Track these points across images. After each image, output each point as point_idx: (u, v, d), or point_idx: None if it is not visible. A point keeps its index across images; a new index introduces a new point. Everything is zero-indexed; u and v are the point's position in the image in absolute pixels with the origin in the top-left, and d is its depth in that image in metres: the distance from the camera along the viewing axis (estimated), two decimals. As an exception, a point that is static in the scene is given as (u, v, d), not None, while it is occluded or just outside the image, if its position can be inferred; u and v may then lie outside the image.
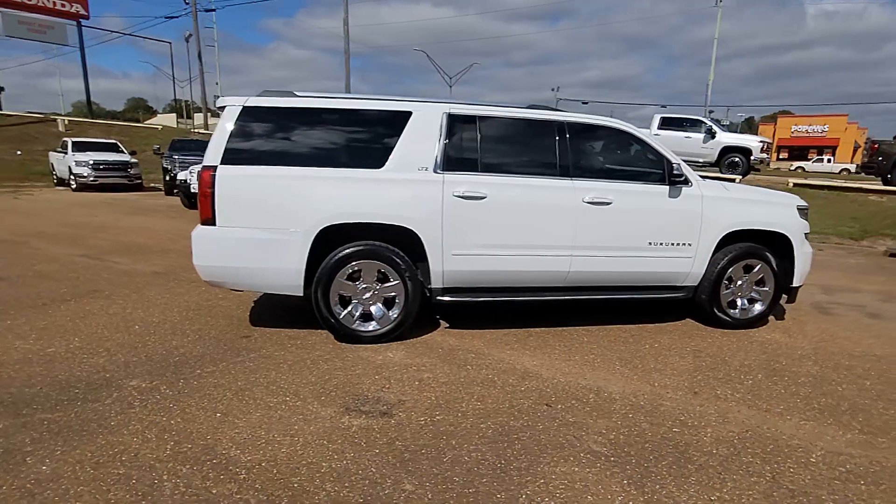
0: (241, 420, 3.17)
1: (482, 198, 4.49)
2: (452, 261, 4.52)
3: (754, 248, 5.08)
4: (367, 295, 4.49)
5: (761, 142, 17.02)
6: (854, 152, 59.75)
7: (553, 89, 49.29)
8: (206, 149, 4.32)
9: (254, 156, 4.30)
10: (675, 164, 4.79)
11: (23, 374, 3.72)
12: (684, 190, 4.91)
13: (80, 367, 3.85)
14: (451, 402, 3.50)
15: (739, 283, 5.15)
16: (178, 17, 32.58)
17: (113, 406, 3.29)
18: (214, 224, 4.23)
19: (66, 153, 18.76)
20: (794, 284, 5.25)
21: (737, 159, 16.58)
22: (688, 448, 3.02)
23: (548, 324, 5.13)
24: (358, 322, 4.50)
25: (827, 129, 61.03)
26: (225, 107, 4.34)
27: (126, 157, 19.03)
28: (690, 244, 4.92)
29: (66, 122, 26.66)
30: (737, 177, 15.97)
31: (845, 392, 3.84)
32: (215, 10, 40.00)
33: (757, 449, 3.03)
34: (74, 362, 3.93)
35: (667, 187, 4.87)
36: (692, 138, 17.00)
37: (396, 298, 4.51)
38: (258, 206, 4.27)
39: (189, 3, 27.76)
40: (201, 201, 4.22)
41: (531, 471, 2.75)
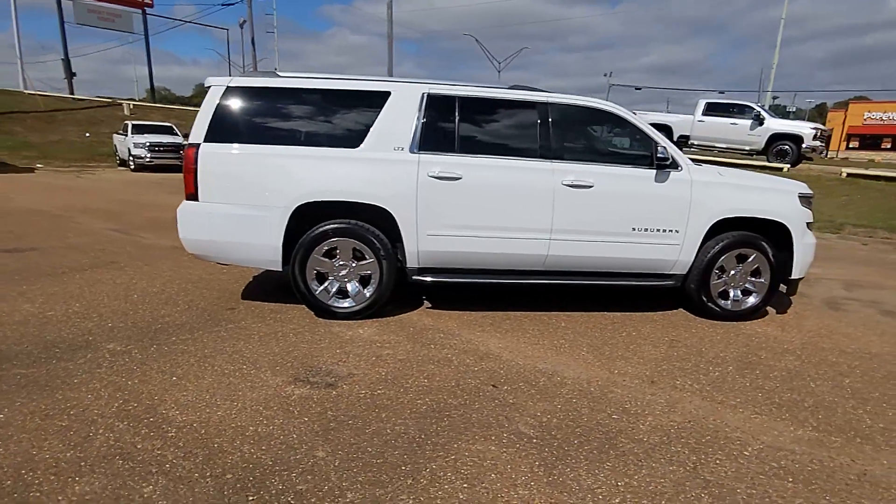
0: (192, 384, 3.32)
1: (457, 178, 4.47)
2: (427, 241, 4.54)
3: (749, 236, 4.84)
4: (344, 272, 4.57)
5: (815, 129, 16.00)
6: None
7: (605, 75, 47.81)
8: None
9: (236, 134, 4.43)
10: (662, 148, 4.62)
11: (17, 333, 4.01)
12: (672, 174, 4.72)
13: (69, 330, 4.11)
14: (400, 378, 3.54)
15: (732, 272, 4.93)
16: (234, 3, 33.51)
17: (83, 366, 3.51)
18: (197, 199, 4.40)
19: (127, 135, 19.80)
20: (794, 276, 4.98)
21: (786, 147, 15.69)
22: (618, 435, 2.95)
23: (531, 308, 5.08)
24: (334, 298, 4.59)
25: (906, 117, 56.58)
26: (211, 86, 4.48)
27: (179, 140, 19.88)
28: (678, 231, 4.74)
29: (131, 106, 28.11)
30: (784, 166, 15.15)
31: (816, 388, 3.64)
32: None
33: (691, 439, 2.93)
34: (66, 325, 4.21)
35: (653, 171, 4.70)
36: (738, 125, 16.19)
37: (372, 276, 4.58)
38: (238, 183, 4.41)
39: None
40: (186, 177, 4.40)
41: (447, 447, 2.76)
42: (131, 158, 19.27)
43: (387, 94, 4.55)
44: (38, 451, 2.57)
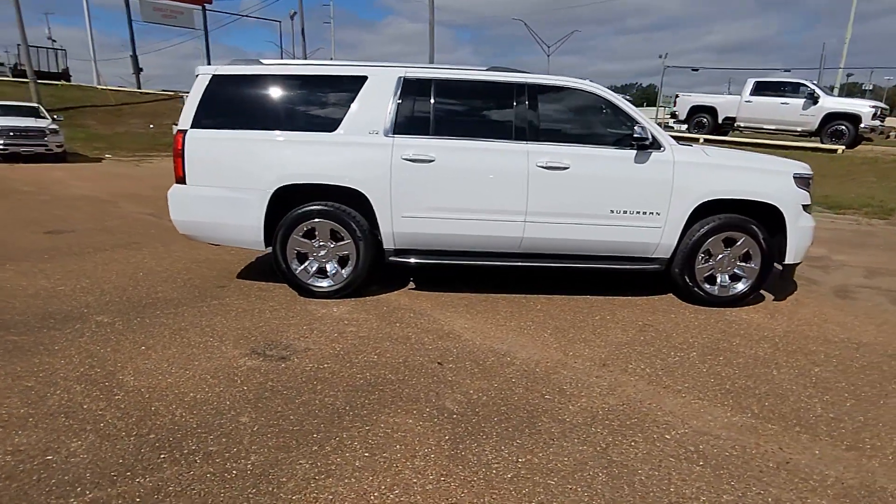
0: (157, 354, 3.55)
1: (430, 161, 4.50)
2: (402, 223, 4.61)
3: (737, 219, 4.64)
4: (323, 253, 4.71)
5: (874, 107, 14.84)
6: None
7: (660, 56, 45.90)
8: None
9: (221, 120, 4.63)
10: (640, 127, 4.47)
11: (24, 304, 4.38)
12: (654, 155, 4.58)
13: (70, 303, 4.45)
14: (351, 353, 3.65)
15: (720, 257, 4.74)
16: None
17: (69, 335, 3.81)
18: (185, 182, 4.63)
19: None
20: (788, 262, 4.73)
21: (842, 127, 14.66)
22: (542, 415, 2.95)
23: (513, 291, 5.08)
24: (313, 278, 4.75)
25: None
26: (199, 75, 4.68)
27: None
28: (658, 213, 4.60)
29: (193, 98, 29.46)
30: (839, 147, 14.19)
31: (777, 376, 3.48)
32: None
33: (616, 422, 2.89)
34: (70, 299, 4.55)
35: (633, 152, 4.56)
36: (790, 105, 15.25)
37: (350, 257, 4.69)
38: (222, 167, 4.61)
39: (295, -17, 29.38)
40: (175, 161, 4.64)
41: (366, 418, 2.85)
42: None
43: (364, 78, 4.62)
44: (-2, 408, 2.83)
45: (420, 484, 2.33)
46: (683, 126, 17.99)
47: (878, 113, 14.74)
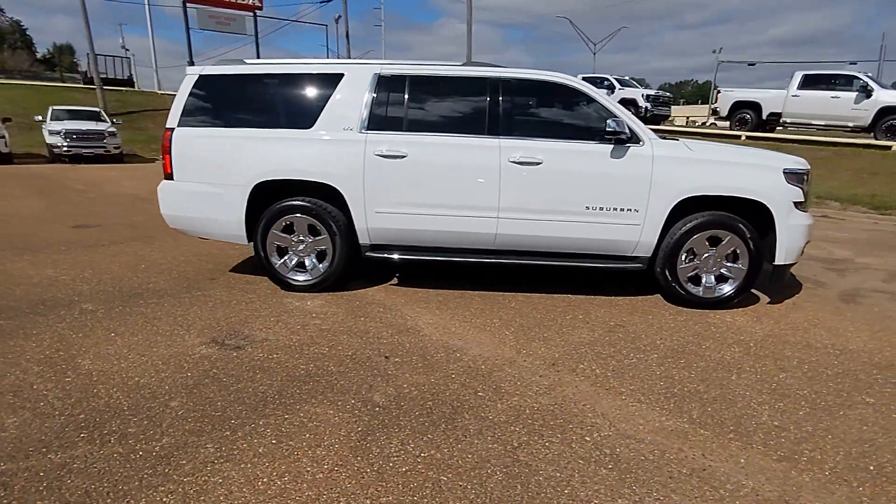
0: (123, 340, 3.71)
1: (402, 157, 4.51)
2: (376, 218, 4.63)
3: (722, 217, 4.42)
4: (301, 247, 4.80)
5: (935, 101, 13.73)
6: None
7: (714, 51, 44.05)
8: None
9: (205, 118, 4.79)
10: (617, 121, 4.32)
11: (25, 292, 4.67)
12: (632, 149, 4.41)
13: (65, 292, 4.71)
14: (305, 345, 3.70)
15: (705, 256, 4.53)
16: (328, 1, 35.39)
17: (51, 320, 4.04)
18: (173, 179, 4.82)
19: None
20: (778, 262, 4.46)
21: (898, 123, 13.65)
22: (466, 411, 2.90)
23: (493, 288, 5.03)
24: (292, 271, 4.84)
25: None
26: (187, 75, 4.86)
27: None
28: (637, 210, 4.43)
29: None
30: (894, 143, 13.24)
31: (733, 381, 3.29)
32: None
33: (539, 422, 2.81)
34: (68, 288, 4.82)
35: (609, 146, 4.42)
36: (840, 98, 14.33)
37: (327, 252, 4.76)
38: (206, 163, 4.77)
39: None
40: (163, 158, 4.83)
41: (290, 407, 2.89)
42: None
43: (340, 76, 4.67)
44: (-41, 385, 3.03)
45: (312, 473, 2.34)
46: (725, 123, 17.20)
47: (940, 107, 13.63)
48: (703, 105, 50.54)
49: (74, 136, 18.44)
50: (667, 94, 20.65)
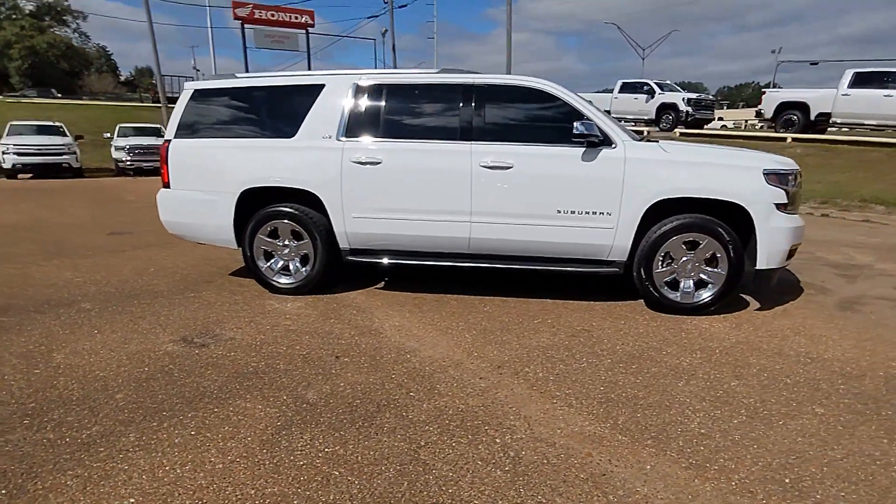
0: (102, 337, 3.95)
1: (377, 163, 4.59)
2: (353, 223, 4.73)
3: (698, 219, 4.25)
4: (286, 251, 4.96)
5: None
6: None
7: (773, 51, 41.95)
8: None
9: (199, 130, 5.05)
10: (586, 123, 4.23)
11: (35, 292, 5.04)
12: (603, 152, 4.32)
13: (72, 292, 5.05)
14: (265, 344, 3.83)
15: (683, 260, 4.35)
16: (379, 16, 36.28)
17: (48, 318, 4.34)
18: (170, 187, 5.10)
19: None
20: (760, 266, 4.24)
21: (959, 121, 12.58)
22: (390, 410, 2.93)
23: (472, 292, 5.02)
24: (278, 275, 5.01)
25: None
26: (185, 89, 5.15)
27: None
28: (610, 213, 4.33)
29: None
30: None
31: (679, 388, 3.16)
32: (406, 5, 43.46)
33: (456, 422, 2.80)
34: (75, 289, 5.17)
35: (581, 149, 4.34)
36: (894, 97, 13.35)
37: (310, 255, 4.89)
38: (198, 172, 5.02)
39: (387, 3, 30.59)
40: (161, 168, 5.12)
41: (223, 402, 3.00)
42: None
43: (321, 86, 4.81)
44: (-57, 374, 3.32)
45: (213, 463, 2.43)
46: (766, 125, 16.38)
47: None
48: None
49: (137, 151, 19.69)
50: (709, 97, 19.89)
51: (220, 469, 2.39)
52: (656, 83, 19.52)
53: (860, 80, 14.08)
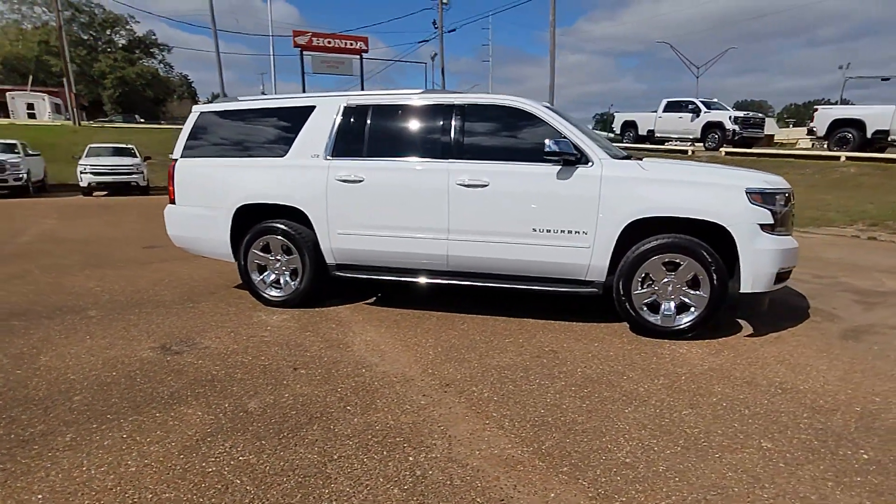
0: (90, 342, 4.16)
1: (360, 181, 4.66)
2: (338, 239, 4.80)
3: (678, 240, 4.05)
4: (277, 265, 5.09)
5: None
6: None
7: (841, 66, 39.65)
8: None
9: (202, 150, 5.29)
10: (561, 142, 4.14)
11: (55, 299, 5.37)
12: (579, 170, 4.21)
13: (86, 300, 5.36)
14: (235, 354, 3.92)
15: (664, 282, 4.15)
16: (429, 40, 37.13)
17: (53, 323, 4.61)
18: (175, 203, 5.35)
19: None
20: (744, 290, 3.98)
21: None
22: (319, 423, 2.92)
23: (456, 309, 4.96)
24: (269, 288, 5.13)
25: None
26: (192, 111, 5.42)
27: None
28: (585, 232, 4.19)
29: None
30: None
31: (624, 415, 2.99)
32: (455, 30, 44.20)
33: (378, 438, 2.77)
34: (91, 297, 5.48)
35: (556, 167, 4.24)
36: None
37: (299, 270, 5.00)
38: (200, 190, 5.24)
39: (437, 27, 31.26)
40: (168, 185, 5.39)
41: (168, 407, 3.08)
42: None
43: (312, 107, 4.95)
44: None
45: (127, 466, 2.49)
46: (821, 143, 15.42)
47: None
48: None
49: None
50: (758, 115, 18.94)
51: (132, 472, 2.45)
52: (702, 101, 18.83)
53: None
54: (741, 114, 17.93)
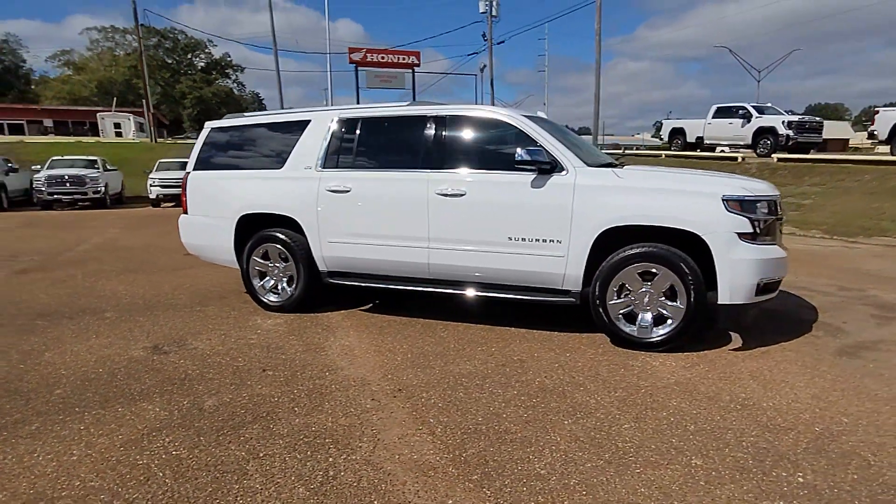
0: (95, 341, 4.46)
1: (347, 191, 4.77)
2: (328, 247, 4.93)
3: (653, 249, 3.90)
4: (276, 272, 5.27)
5: None
6: None
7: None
8: None
9: (212, 163, 5.58)
10: (530, 151, 4.08)
11: (83, 301, 5.78)
12: (553, 179, 4.14)
13: (108, 303, 5.73)
14: (216, 355, 4.09)
15: (641, 291, 4.00)
16: (479, 53, 37.29)
17: (71, 322, 4.97)
18: (188, 213, 5.66)
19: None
20: (722, 301, 3.78)
21: None
22: (264, 421, 3.01)
23: (442, 317, 4.97)
24: (268, 293, 5.32)
25: None
26: (204, 127, 5.73)
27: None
28: (560, 241, 4.11)
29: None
30: None
31: (559, 426, 2.91)
32: (504, 41, 44.02)
33: (310, 439, 2.83)
34: (115, 300, 5.86)
35: (530, 176, 4.19)
36: None
37: (294, 277, 5.17)
38: (207, 200, 5.53)
39: (486, 40, 31.37)
40: (182, 197, 5.71)
41: (132, 401, 3.27)
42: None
43: (308, 121, 5.13)
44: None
45: (70, 455, 2.66)
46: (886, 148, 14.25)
47: None
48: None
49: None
50: (815, 119, 17.70)
51: (73, 461, 2.61)
52: (754, 106, 17.87)
53: None
54: (795, 118, 16.86)
